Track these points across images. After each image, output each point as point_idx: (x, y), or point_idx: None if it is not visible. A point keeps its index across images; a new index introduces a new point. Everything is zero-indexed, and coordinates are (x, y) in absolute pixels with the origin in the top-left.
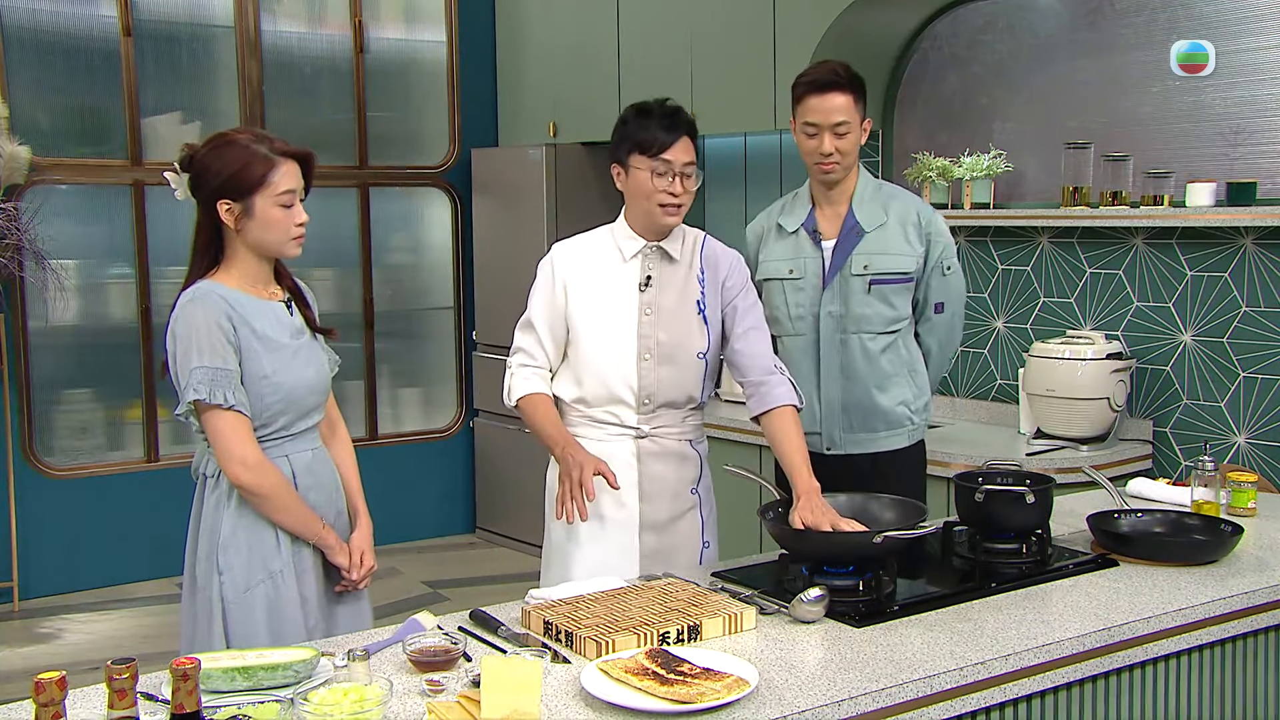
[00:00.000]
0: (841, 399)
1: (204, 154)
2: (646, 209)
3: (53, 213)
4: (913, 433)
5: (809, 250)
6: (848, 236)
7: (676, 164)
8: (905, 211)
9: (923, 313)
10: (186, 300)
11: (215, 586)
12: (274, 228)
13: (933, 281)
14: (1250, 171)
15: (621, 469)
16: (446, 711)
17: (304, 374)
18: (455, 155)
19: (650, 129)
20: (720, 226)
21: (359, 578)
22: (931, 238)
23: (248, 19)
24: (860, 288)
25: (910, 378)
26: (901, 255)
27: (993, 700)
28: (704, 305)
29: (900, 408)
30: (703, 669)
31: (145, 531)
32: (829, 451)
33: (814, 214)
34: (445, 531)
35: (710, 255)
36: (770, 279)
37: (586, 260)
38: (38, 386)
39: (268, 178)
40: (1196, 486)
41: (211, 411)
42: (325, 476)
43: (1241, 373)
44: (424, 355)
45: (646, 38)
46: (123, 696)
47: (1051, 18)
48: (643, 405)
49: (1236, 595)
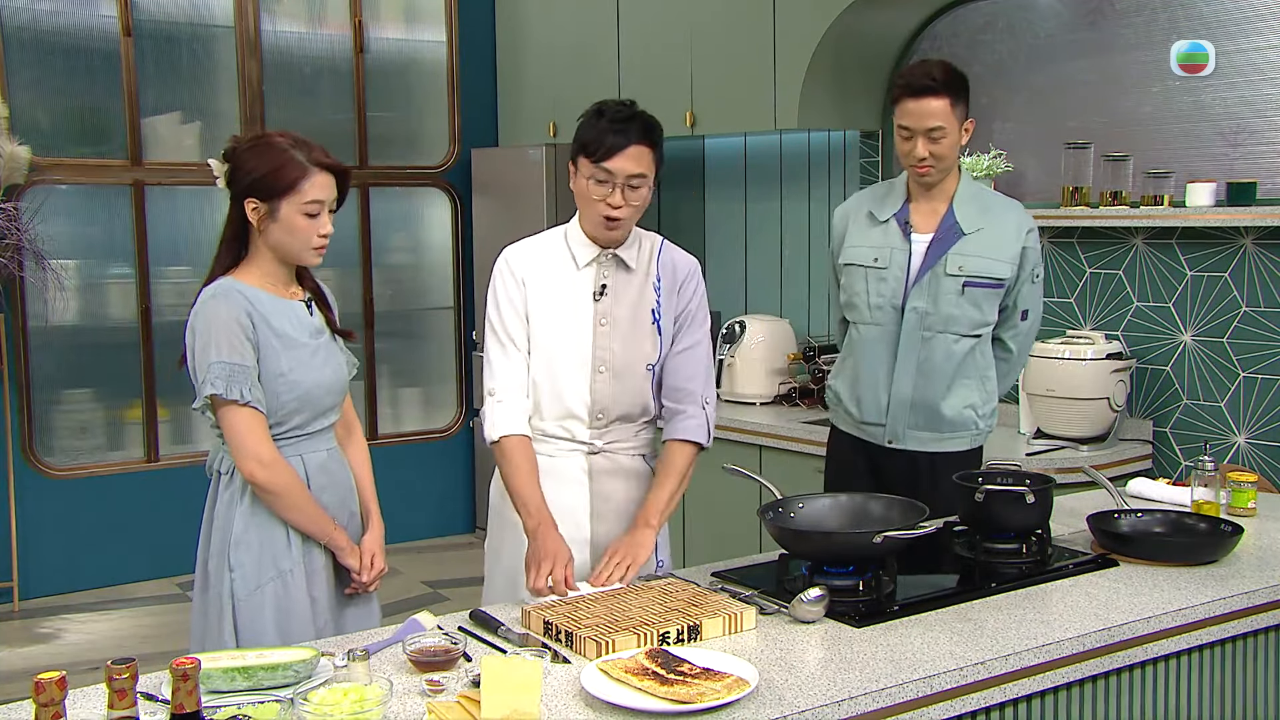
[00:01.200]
0: (911, 396)
1: (243, 150)
2: (589, 215)
3: (53, 213)
4: (976, 437)
5: (898, 242)
6: (945, 235)
7: (619, 175)
8: (1005, 216)
9: (1009, 319)
10: (208, 295)
11: (226, 583)
12: (296, 235)
13: (1024, 289)
14: (1250, 171)
15: (573, 486)
16: (446, 711)
17: (321, 373)
18: (455, 155)
19: (598, 131)
20: (719, 227)
21: (369, 580)
22: (1028, 247)
23: (248, 19)
24: (953, 288)
25: (981, 383)
26: (999, 261)
27: (993, 700)
28: (659, 314)
29: (967, 411)
30: (703, 669)
31: (145, 531)
32: (890, 445)
33: (908, 206)
34: (445, 531)
35: (667, 261)
36: (853, 264)
37: (541, 265)
38: (38, 386)
39: (298, 184)
40: (1196, 486)
41: (228, 407)
42: (339, 477)
43: (1241, 373)
44: (424, 355)
45: (646, 38)
46: (123, 696)
47: (1051, 18)
48: (595, 420)
49: (1236, 595)
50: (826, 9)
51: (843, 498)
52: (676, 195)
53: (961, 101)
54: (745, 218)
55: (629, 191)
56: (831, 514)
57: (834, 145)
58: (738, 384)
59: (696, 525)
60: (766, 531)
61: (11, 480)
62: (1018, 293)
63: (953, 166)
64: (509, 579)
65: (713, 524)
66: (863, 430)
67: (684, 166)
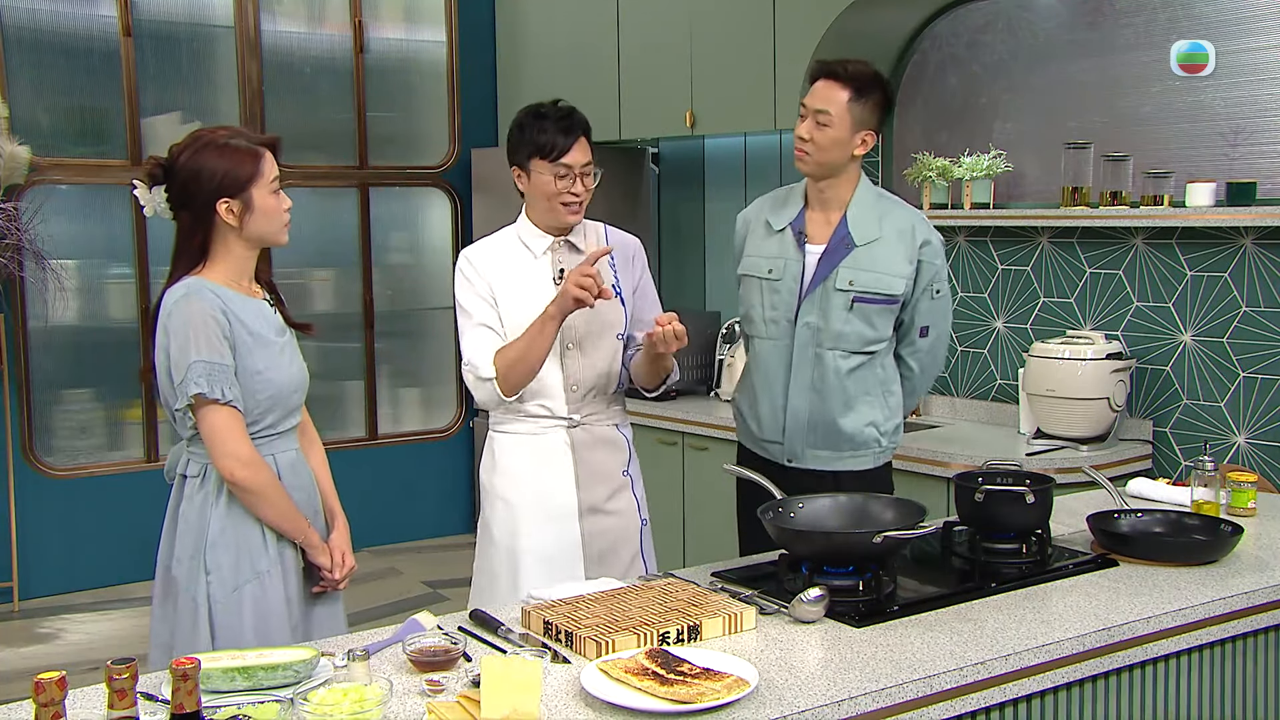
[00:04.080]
0: (808, 414)
1: (188, 160)
2: (549, 208)
3: (53, 213)
4: (879, 455)
5: (792, 253)
6: (836, 247)
7: (576, 166)
8: (902, 228)
9: (907, 335)
10: (179, 295)
11: (201, 586)
12: (271, 216)
13: (921, 305)
14: (1250, 171)
15: (558, 459)
16: (446, 711)
17: (289, 371)
18: (455, 155)
19: (548, 133)
20: (720, 227)
21: (340, 577)
22: (924, 261)
23: (248, 19)
24: (842, 303)
25: (883, 398)
26: (891, 276)
27: (993, 700)
28: (619, 287)
29: (869, 429)
30: (703, 669)
31: (145, 531)
32: (790, 464)
33: (804, 215)
34: (445, 531)
35: (616, 239)
36: (748, 275)
37: (500, 260)
38: (38, 386)
39: (259, 167)
40: (1196, 486)
41: (209, 407)
42: (305, 477)
43: (1241, 373)
44: (424, 355)
45: (646, 38)
46: (123, 696)
47: (1051, 18)
48: (571, 393)
49: (1236, 595)
50: (826, 9)
51: (842, 498)
52: (676, 195)
53: (866, 105)
54: None
55: (585, 179)
56: (831, 514)
57: None
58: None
59: (696, 525)
60: (766, 531)
61: (11, 480)
62: (914, 309)
63: (833, 165)
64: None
65: (713, 524)
66: (763, 448)
67: (684, 166)
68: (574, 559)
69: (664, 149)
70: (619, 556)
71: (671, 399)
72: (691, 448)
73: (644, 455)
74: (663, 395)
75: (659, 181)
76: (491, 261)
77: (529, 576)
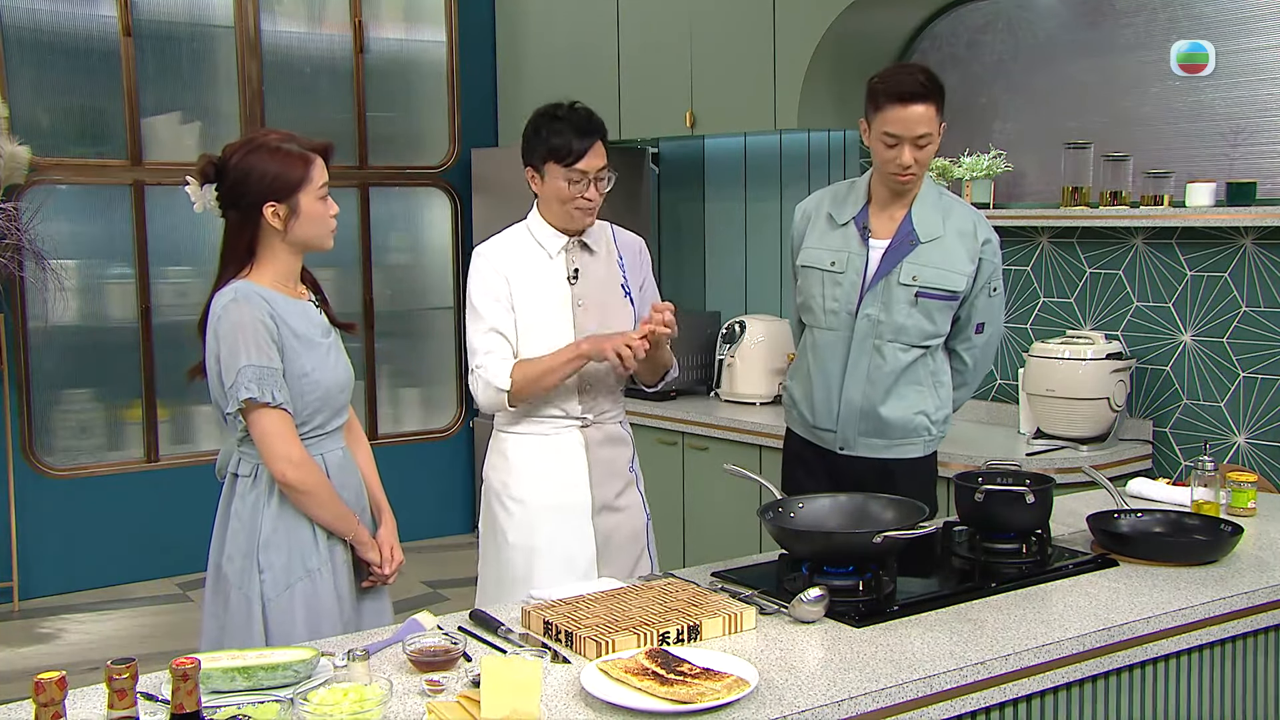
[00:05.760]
0: (861, 403)
1: (240, 160)
2: (562, 211)
3: (53, 213)
4: (929, 443)
5: (855, 247)
6: (901, 243)
7: (591, 171)
8: (964, 226)
9: (962, 331)
10: (228, 300)
11: (255, 585)
12: (318, 222)
13: (978, 302)
14: (1250, 171)
15: (572, 458)
16: (446, 711)
17: (336, 372)
18: (455, 155)
19: (564, 136)
20: (719, 227)
21: (390, 572)
22: (984, 259)
23: (248, 19)
24: (905, 298)
25: (934, 389)
26: (953, 273)
27: (993, 700)
28: (628, 287)
29: (919, 417)
30: (703, 669)
31: (145, 531)
32: (842, 451)
33: (868, 210)
34: (445, 531)
35: (623, 238)
36: (810, 267)
37: (516, 257)
38: (38, 386)
39: (309, 173)
40: (1196, 486)
41: (260, 410)
42: (352, 475)
43: (1241, 373)
44: (424, 355)
45: (646, 38)
46: (123, 696)
47: (1051, 18)
48: (585, 394)
49: (1236, 595)
50: (826, 9)
51: (842, 498)
52: (676, 195)
53: (942, 107)
54: (745, 218)
55: (599, 184)
56: (831, 514)
57: (834, 145)
58: (737, 384)
59: (696, 525)
60: (766, 531)
61: (11, 480)
62: (972, 305)
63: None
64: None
65: (713, 524)
66: (816, 435)
67: (684, 166)
68: (589, 556)
69: (664, 149)
70: (629, 552)
71: (671, 399)
72: (691, 448)
73: (644, 455)
74: (662, 394)
75: (659, 181)
76: (508, 260)
77: (547, 575)
